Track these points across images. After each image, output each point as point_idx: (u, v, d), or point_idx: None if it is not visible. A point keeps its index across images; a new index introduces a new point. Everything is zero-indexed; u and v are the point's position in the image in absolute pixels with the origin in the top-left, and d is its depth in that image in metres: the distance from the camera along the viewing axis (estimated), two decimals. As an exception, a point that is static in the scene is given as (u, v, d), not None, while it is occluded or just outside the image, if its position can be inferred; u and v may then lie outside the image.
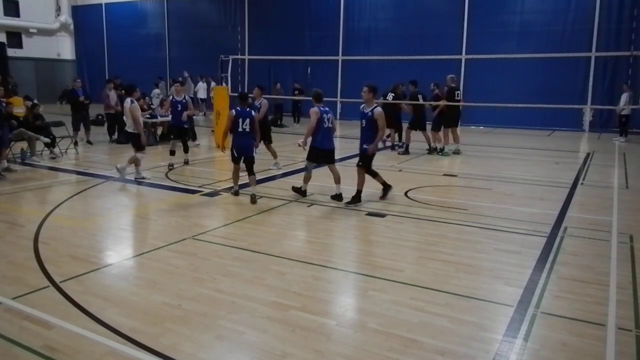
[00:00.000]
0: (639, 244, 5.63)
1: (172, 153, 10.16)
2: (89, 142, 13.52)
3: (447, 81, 12.57)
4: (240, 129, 7.50)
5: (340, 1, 21.93)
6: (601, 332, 3.65)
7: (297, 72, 22.39)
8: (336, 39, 22.13)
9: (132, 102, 8.76)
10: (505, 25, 18.79)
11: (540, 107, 16.65)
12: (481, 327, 3.72)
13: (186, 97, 10.49)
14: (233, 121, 7.52)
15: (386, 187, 7.70)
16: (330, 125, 7.55)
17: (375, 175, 7.66)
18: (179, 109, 10.18)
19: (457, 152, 12.56)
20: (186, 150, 10.53)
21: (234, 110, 7.65)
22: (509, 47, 17.56)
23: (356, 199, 7.38)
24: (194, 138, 13.66)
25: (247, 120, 7.48)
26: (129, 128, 8.97)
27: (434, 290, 4.36)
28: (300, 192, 7.75)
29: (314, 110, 7.43)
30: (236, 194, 7.81)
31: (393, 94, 12.95)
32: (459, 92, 12.89)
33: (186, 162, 10.47)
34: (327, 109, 7.58)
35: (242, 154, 7.61)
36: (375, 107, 7.32)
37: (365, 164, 7.50)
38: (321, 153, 7.57)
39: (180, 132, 10.36)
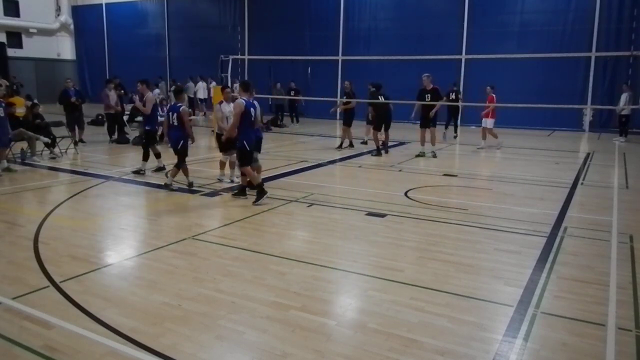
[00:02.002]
0: (639, 244, 5.63)
1: (158, 156, 9.65)
2: (81, 140, 13.30)
3: (424, 81, 11.95)
4: (170, 122, 8.12)
5: (340, 1, 21.95)
6: (601, 332, 3.65)
7: (297, 72, 22.41)
8: (336, 39, 22.14)
9: (220, 102, 8.79)
10: (505, 25, 18.80)
11: (540, 107, 16.66)
12: (481, 327, 3.72)
13: (147, 97, 9.44)
14: (167, 115, 8.21)
15: (260, 191, 7.33)
16: (253, 119, 7.55)
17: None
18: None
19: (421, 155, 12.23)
20: (157, 155, 9.65)
21: (169, 105, 8.29)
22: (509, 47, 17.57)
23: (261, 193, 7.27)
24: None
25: (175, 115, 8.04)
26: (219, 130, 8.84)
27: (434, 290, 4.36)
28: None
29: (238, 103, 7.36)
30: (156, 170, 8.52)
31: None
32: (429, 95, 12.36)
33: (159, 169, 9.53)
34: (252, 101, 7.59)
35: (172, 146, 8.16)
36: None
37: (246, 162, 7.41)
38: (254, 143, 7.75)
39: (146, 135, 9.65)
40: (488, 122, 13.55)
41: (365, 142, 13.89)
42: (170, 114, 8.10)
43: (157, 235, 5.93)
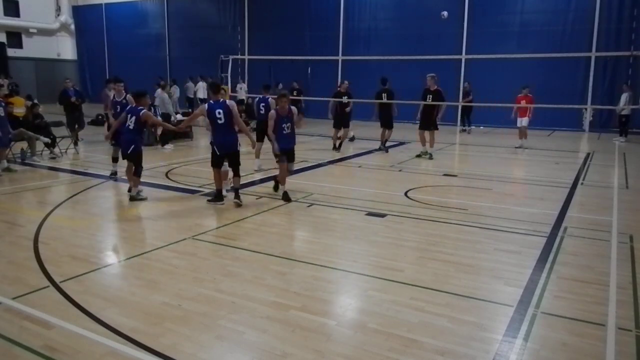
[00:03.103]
0: (639, 244, 5.63)
1: (115, 160, 9.22)
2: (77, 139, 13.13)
3: (428, 81, 11.78)
4: (127, 124, 7.66)
5: (340, 1, 21.95)
6: (601, 332, 3.65)
7: (297, 72, 22.40)
8: (336, 39, 22.14)
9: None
10: (505, 25, 18.79)
11: (540, 107, 16.64)
12: (481, 327, 3.72)
13: (127, 97, 8.96)
14: (125, 116, 7.76)
15: (218, 196, 7.39)
16: (221, 122, 7.03)
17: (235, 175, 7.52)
18: (119, 110, 9.26)
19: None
20: (114, 159, 9.29)
21: (129, 106, 7.97)
22: (509, 47, 17.56)
23: (218, 197, 7.36)
24: (161, 142, 13.29)
25: (133, 118, 7.58)
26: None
27: (434, 290, 4.36)
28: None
29: (200, 107, 7.42)
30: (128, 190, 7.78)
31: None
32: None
33: (113, 174, 9.27)
34: (218, 103, 7.09)
35: (123, 150, 7.73)
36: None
37: (214, 163, 7.41)
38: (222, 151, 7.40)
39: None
40: (523, 121, 13.86)
41: (352, 139, 14.32)
42: (129, 116, 7.62)
43: (157, 235, 5.93)
